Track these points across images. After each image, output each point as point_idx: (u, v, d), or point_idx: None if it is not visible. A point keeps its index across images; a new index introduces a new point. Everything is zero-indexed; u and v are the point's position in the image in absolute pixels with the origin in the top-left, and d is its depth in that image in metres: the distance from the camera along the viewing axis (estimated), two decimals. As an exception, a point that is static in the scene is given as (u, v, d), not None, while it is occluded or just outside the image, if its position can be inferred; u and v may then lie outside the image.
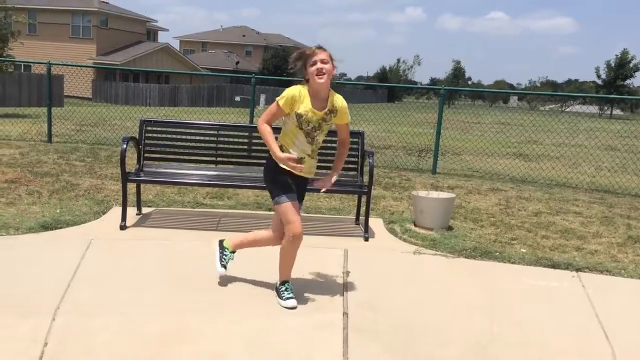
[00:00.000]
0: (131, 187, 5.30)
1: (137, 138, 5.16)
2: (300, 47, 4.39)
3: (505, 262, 4.53)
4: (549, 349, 3.33)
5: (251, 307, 3.51)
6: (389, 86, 55.10)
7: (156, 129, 5.29)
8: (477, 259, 4.57)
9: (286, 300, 3.52)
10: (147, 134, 5.21)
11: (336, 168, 3.62)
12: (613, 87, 58.18)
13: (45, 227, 4.71)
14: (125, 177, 4.83)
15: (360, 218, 5.45)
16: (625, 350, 3.34)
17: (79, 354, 3.03)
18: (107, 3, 40.26)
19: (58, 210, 5.27)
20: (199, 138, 5.40)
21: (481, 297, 3.87)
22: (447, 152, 12.76)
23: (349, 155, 4.20)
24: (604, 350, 3.35)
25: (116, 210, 5.27)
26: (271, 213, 5.76)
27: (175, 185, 6.31)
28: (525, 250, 4.88)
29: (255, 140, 5.43)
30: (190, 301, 3.54)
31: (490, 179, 9.22)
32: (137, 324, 3.27)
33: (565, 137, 16.35)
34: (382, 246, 4.81)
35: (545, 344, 3.37)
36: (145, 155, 5.22)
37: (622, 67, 59.33)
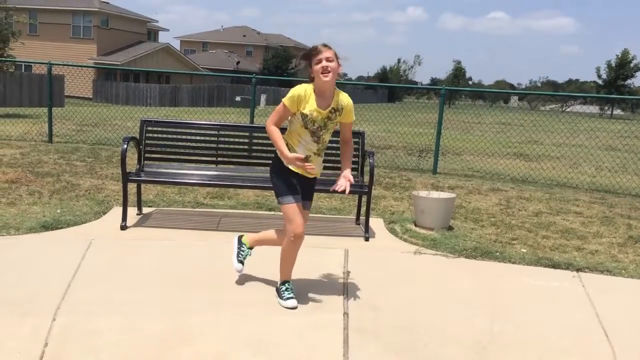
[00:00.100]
0: (132, 187, 5.30)
1: (138, 138, 5.16)
2: (300, 47, 4.38)
3: (505, 262, 4.53)
4: (549, 349, 3.33)
5: (252, 307, 3.51)
6: (390, 86, 55.10)
7: (157, 129, 5.29)
8: (478, 259, 4.57)
9: (287, 300, 3.52)
10: (148, 134, 5.21)
11: (346, 166, 3.55)
12: (614, 87, 58.16)
13: (46, 227, 4.71)
14: (125, 177, 4.83)
15: (361, 218, 5.46)
16: (625, 351, 3.34)
17: (79, 354, 3.04)
18: (108, 3, 40.27)
19: (59, 211, 5.28)
20: (200, 138, 5.40)
21: (481, 297, 3.87)
22: (448, 152, 12.76)
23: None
24: (604, 350, 3.35)
25: (117, 211, 5.28)
26: (271, 213, 5.76)
27: (176, 185, 6.32)
28: (525, 250, 4.88)
29: (256, 141, 5.44)
30: (190, 301, 3.54)
31: (491, 179, 9.22)
32: (138, 324, 3.28)
33: (565, 137, 16.35)
34: (383, 246, 4.81)
35: (545, 344, 3.37)
36: (146, 155, 5.23)
37: (623, 67, 59.33)
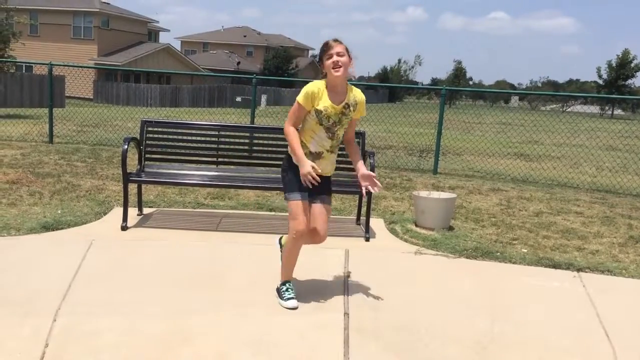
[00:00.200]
0: (132, 188, 5.30)
1: (139, 139, 5.16)
2: (301, 47, 4.38)
3: (506, 262, 4.53)
4: (550, 349, 3.32)
5: (252, 307, 3.51)
6: (390, 86, 55.10)
7: (157, 129, 5.29)
8: (478, 259, 4.57)
9: (287, 300, 3.52)
10: (149, 135, 5.22)
11: (359, 164, 3.54)
12: (614, 87, 58.11)
13: (47, 228, 4.71)
14: (126, 178, 4.83)
15: (361, 218, 5.46)
16: (626, 350, 3.34)
17: (80, 355, 3.04)
18: (109, 4, 40.29)
19: (59, 211, 5.28)
20: (200, 139, 5.40)
21: (482, 297, 3.87)
22: (448, 152, 12.76)
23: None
24: (605, 350, 3.35)
25: (117, 211, 5.28)
26: (272, 214, 5.76)
27: (176, 186, 6.32)
28: (526, 251, 4.88)
29: (257, 141, 5.44)
30: (191, 301, 3.54)
31: (491, 179, 9.21)
32: (139, 324, 3.28)
33: (566, 137, 16.34)
34: (383, 246, 4.81)
35: (546, 344, 3.37)
36: (147, 155, 5.23)
37: (624, 67, 59.28)
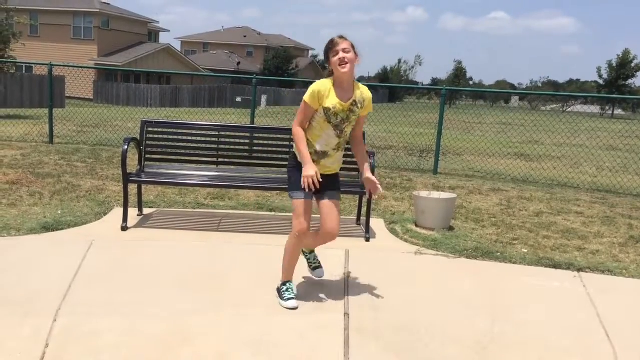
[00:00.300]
0: (132, 188, 5.30)
1: (139, 139, 5.16)
2: (301, 48, 4.37)
3: (506, 263, 4.53)
4: (550, 349, 3.32)
5: (252, 308, 3.51)
6: (390, 86, 55.04)
7: (157, 129, 5.29)
8: (479, 259, 4.57)
9: (287, 300, 3.52)
10: (149, 135, 5.22)
11: (365, 166, 3.57)
12: (615, 87, 58.09)
13: (47, 228, 4.71)
14: (126, 178, 4.83)
15: (362, 218, 5.45)
16: (626, 351, 3.33)
17: (80, 355, 3.04)
18: (109, 4, 40.30)
19: (59, 212, 5.28)
20: (200, 139, 5.40)
21: (482, 297, 3.87)
22: (449, 153, 12.75)
23: (350, 156, 4.18)
24: (605, 350, 3.35)
25: (117, 211, 5.28)
26: (272, 214, 5.76)
27: (177, 186, 6.32)
28: (526, 251, 4.88)
29: (257, 142, 5.44)
30: (191, 302, 3.54)
31: (492, 179, 9.21)
32: (139, 324, 3.28)
33: (566, 137, 16.34)
34: (383, 247, 4.81)
35: (546, 344, 3.36)
36: (147, 156, 5.23)
37: (624, 67, 59.26)
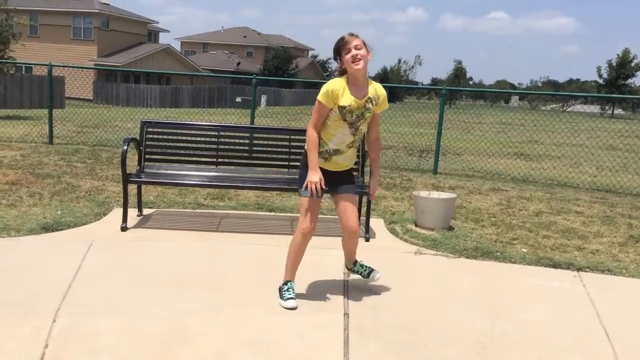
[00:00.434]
0: (132, 189, 5.30)
1: (138, 139, 5.17)
2: (301, 48, 4.37)
3: (506, 262, 4.53)
4: (550, 349, 3.32)
5: (252, 308, 3.51)
6: (390, 86, 55.05)
7: (157, 130, 5.29)
8: (478, 259, 4.57)
9: (286, 300, 3.52)
10: (148, 135, 5.22)
11: (375, 170, 3.66)
12: (614, 87, 58.10)
13: (46, 229, 4.72)
14: (126, 179, 4.83)
15: (361, 218, 5.44)
16: (626, 350, 3.33)
17: (79, 355, 3.04)
18: (108, 5, 40.30)
19: (59, 212, 5.28)
20: (200, 139, 5.40)
21: (482, 297, 3.87)
22: (448, 152, 12.75)
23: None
24: (605, 350, 3.34)
25: (117, 212, 5.28)
26: (272, 214, 5.76)
27: (176, 187, 6.32)
28: (526, 250, 4.88)
29: (256, 142, 5.44)
30: (191, 302, 3.54)
31: (491, 179, 9.21)
32: (138, 325, 3.28)
33: (566, 137, 16.34)
34: (383, 246, 4.81)
35: (546, 344, 3.36)
36: (146, 156, 5.23)
37: (624, 67, 59.28)
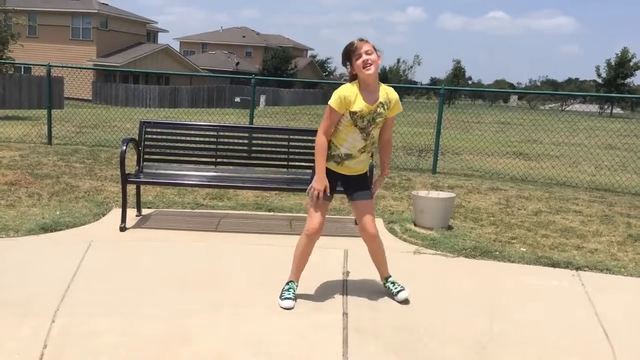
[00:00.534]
0: (131, 189, 5.30)
1: (137, 139, 5.16)
2: (300, 48, 4.37)
3: (505, 261, 4.53)
4: (549, 348, 3.32)
5: (251, 308, 3.51)
6: (389, 86, 55.08)
7: (156, 130, 5.29)
8: (477, 259, 4.57)
9: (283, 300, 3.53)
10: (147, 136, 5.21)
11: (383, 172, 3.67)
12: (613, 86, 58.13)
13: (45, 229, 4.71)
14: (124, 179, 4.83)
15: (360, 218, 5.44)
16: (625, 349, 3.33)
17: (78, 356, 3.04)
18: (107, 5, 40.27)
19: (58, 212, 5.28)
20: (199, 139, 5.40)
21: (481, 297, 3.87)
22: (447, 152, 12.76)
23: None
24: (603, 349, 3.35)
25: (116, 212, 5.28)
26: (271, 214, 5.76)
27: (175, 187, 6.32)
28: (525, 249, 4.88)
29: (255, 142, 5.44)
30: (190, 302, 3.54)
31: (490, 178, 9.22)
32: (137, 325, 3.28)
33: (565, 136, 16.35)
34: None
35: (545, 343, 3.36)
36: (145, 156, 5.23)
37: (623, 66, 59.29)
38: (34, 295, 3.51)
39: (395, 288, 3.70)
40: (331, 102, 3.30)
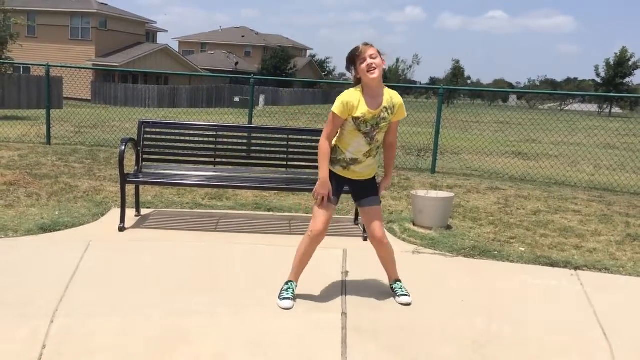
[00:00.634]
0: (130, 189, 5.30)
1: (136, 139, 5.16)
2: (299, 48, 4.37)
3: (504, 261, 4.54)
4: (547, 348, 3.33)
5: (250, 308, 3.51)
6: (388, 86, 55.04)
7: (155, 130, 5.28)
8: (476, 258, 4.58)
9: (282, 300, 3.53)
10: (146, 135, 5.21)
11: (388, 175, 3.68)
12: (612, 86, 58.10)
13: (44, 229, 4.71)
14: (123, 179, 4.83)
15: (359, 218, 5.45)
16: (623, 349, 3.34)
17: (77, 356, 3.04)
18: (106, 5, 40.25)
19: (57, 212, 5.27)
20: (198, 139, 5.40)
21: (480, 296, 3.88)
22: (446, 152, 12.77)
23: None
24: (602, 348, 3.35)
25: (115, 212, 5.28)
26: (270, 214, 5.77)
27: (174, 187, 6.32)
28: (524, 249, 4.89)
29: (254, 141, 5.44)
30: (189, 302, 3.54)
31: (489, 178, 9.22)
32: (136, 325, 3.28)
33: (564, 136, 16.36)
34: (381, 246, 4.80)
35: (543, 343, 3.37)
36: (144, 156, 5.22)
37: (621, 65, 59.26)
38: (32, 296, 3.51)
39: (401, 290, 3.71)
40: (334, 108, 3.32)
